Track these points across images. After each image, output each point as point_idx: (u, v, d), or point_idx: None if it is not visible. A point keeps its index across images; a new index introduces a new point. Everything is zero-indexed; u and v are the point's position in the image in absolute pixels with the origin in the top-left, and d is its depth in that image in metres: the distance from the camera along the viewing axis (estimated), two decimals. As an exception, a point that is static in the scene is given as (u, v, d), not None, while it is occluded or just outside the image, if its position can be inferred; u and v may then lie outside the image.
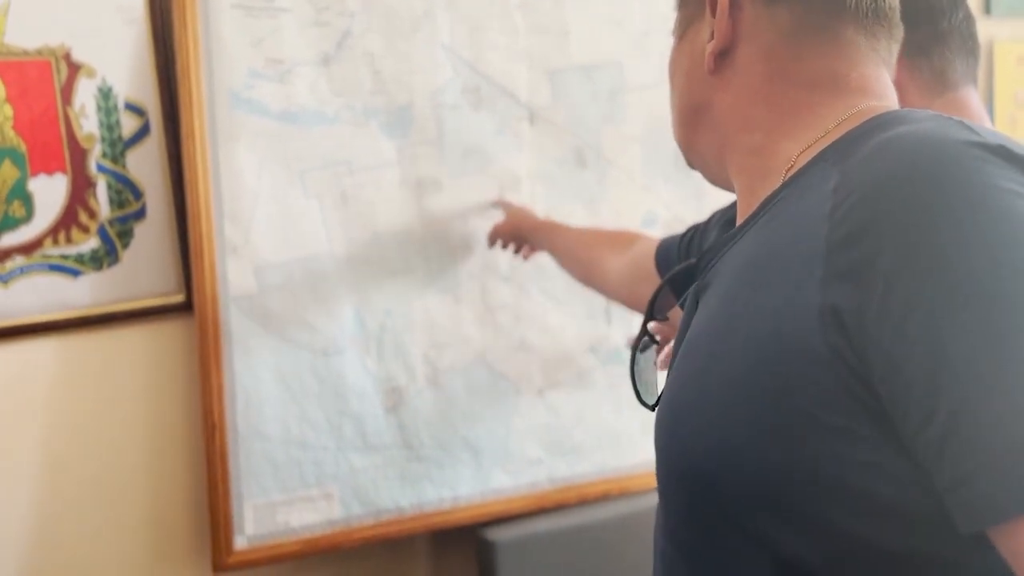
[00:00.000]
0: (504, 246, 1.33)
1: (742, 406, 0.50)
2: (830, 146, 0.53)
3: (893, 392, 0.44)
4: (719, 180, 0.66)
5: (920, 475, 0.44)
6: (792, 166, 0.56)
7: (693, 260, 0.65)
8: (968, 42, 0.91)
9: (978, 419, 0.41)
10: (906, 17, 0.92)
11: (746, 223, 0.57)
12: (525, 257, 1.34)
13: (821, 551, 0.47)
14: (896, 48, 0.61)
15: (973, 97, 0.92)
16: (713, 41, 0.60)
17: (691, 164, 0.68)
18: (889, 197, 0.45)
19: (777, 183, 0.56)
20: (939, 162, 0.45)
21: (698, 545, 0.55)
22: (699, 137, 0.64)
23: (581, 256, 1.19)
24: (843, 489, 0.46)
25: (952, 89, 0.90)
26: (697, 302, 0.60)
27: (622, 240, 1.15)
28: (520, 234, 1.30)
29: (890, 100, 0.59)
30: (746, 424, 0.49)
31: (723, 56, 0.60)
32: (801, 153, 0.56)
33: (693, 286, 0.62)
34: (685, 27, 0.64)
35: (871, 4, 0.58)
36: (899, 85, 0.89)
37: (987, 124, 0.92)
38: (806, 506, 0.47)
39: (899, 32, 0.61)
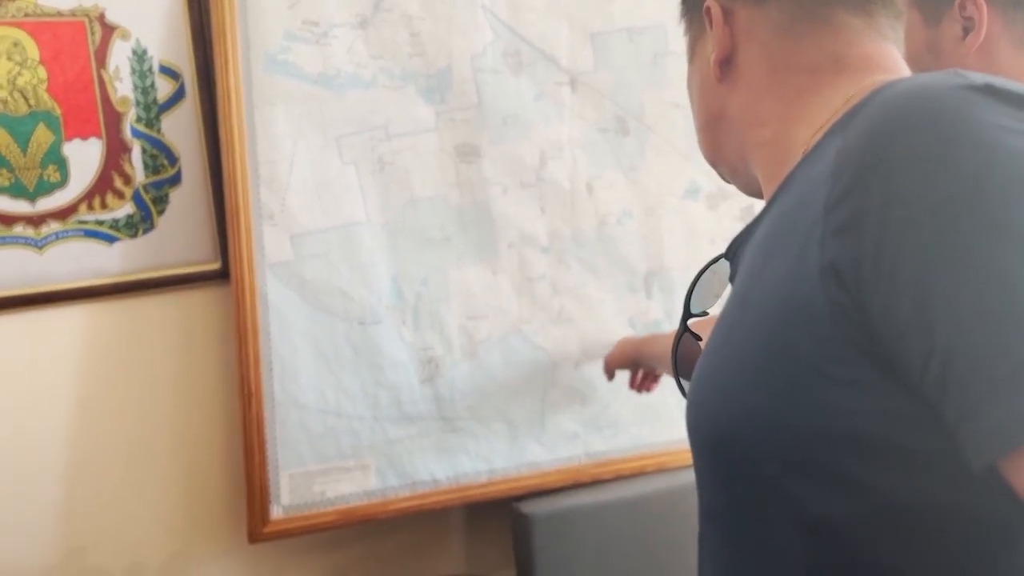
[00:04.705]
0: (633, 375, 1.32)
1: (758, 369, 0.51)
2: (839, 120, 0.54)
3: (894, 339, 0.44)
4: (751, 186, 0.67)
5: (936, 419, 0.44)
6: (807, 147, 0.57)
7: (722, 253, 0.66)
8: None
9: (970, 352, 0.41)
10: None
11: (768, 204, 0.59)
12: (648, 390, 1.32)
13: (848, 507, 0.48)
14: (900, 25, 0.62)
15: None
16: (715, 52, 0.63)
17: (723, 177, 0.71)
18: (878, 148, 0.46)
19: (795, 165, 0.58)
20: (924, 107, 0.45)
21: (731, 518, 0.56)
22: (722, 146, 0.67)
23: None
24: (861, 440, 0.46)
25: None
26: None
27: None
28: (631, 356, 1.28)
29: (899, 73, 0.59)
30: (762, 386, 0.50)
31: (727, 63, 0.63)
32: (814, 134, 0.57)
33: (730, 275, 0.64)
34: (692, 48, 0.68)
35: None
36: (991, 36, 0.85)
37: None
38: (828, 461, 0.48)
39: (898, 8, 0.62)
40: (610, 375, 1.33)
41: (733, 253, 0.63)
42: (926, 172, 0.43)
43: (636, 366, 1.30)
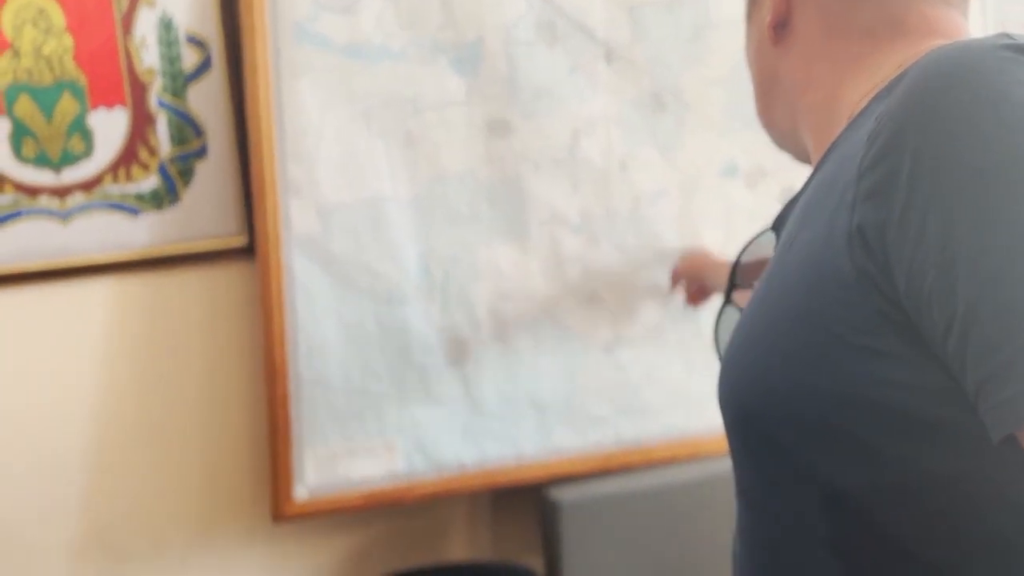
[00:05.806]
0: (686, 288, 1.30)
1: (785, 338, 0.50)
2: (886, 85, 0.52)
3: (918, 305, 0.43)
4: (801, 152, 0.66)
5: (959, 391, 0.44)
6: (853, 113, 0.55)
7: (770, 227, 0.65)
8: None
9: (991, 320, 0.40)
10: None
11: (812, 172, 0.58)
12: (695, 304, 1.30)
13: (867, 479, 0.48)
14: None
15: None
16: (770, 15, 0.62)
17: (777, 143, 0.69)
18: (911, 111, 0.45)
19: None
20: (959, 67, 0.44)
21: (756, 490, 0.56)
22: (775, 111, 0.66)
23: None
24: (882, 411, 0.46)
25: None
26: None
27: None
28: (700, 273, 1.27)
29: (960, 39, 0.56)
30: (785, 354, 0.50)
31: (782, 27, 0.62)
32: (861, 99, 0.55)
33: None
34: (750, 11, 0.67)
35: None
36: None
37: None
38: (850, 432, 0.48)
39: None
40: (675, 284, 1.30)
41: (779, 224, 0.61)
42: (954, 132, 0.42)
43: (697, 280, 1.27)
